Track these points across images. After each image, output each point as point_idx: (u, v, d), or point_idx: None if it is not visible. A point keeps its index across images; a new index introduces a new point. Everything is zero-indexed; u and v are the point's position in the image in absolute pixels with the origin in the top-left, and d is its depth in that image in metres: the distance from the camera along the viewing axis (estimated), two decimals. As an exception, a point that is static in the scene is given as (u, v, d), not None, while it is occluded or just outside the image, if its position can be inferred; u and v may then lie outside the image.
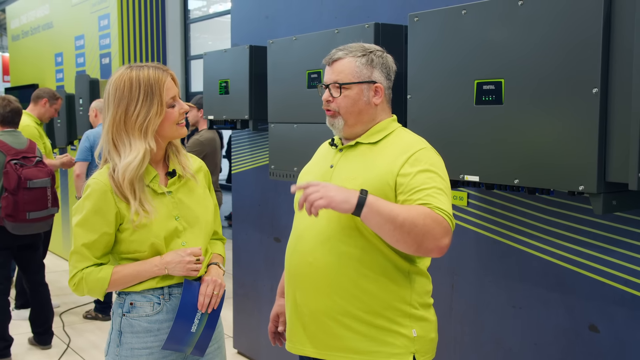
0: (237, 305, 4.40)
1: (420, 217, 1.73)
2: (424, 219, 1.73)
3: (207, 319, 2.05)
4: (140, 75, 1.97)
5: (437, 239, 1.75)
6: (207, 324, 2.05)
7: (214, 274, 2.09)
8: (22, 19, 8.81)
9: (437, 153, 1.97)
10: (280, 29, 3.81)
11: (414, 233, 1.73)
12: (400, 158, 1.89)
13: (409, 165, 1.87)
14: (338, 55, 1.99)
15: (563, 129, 2.05)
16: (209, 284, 2.04)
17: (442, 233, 1.75)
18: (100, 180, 1.99)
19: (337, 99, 1.97)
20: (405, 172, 1.86)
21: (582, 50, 1.99)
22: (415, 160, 1.88)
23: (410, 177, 1.85)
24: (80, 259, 1.99)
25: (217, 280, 2.07)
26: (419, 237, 1.73)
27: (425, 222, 1.73)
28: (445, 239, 1.76)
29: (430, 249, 1.76)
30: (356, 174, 1.92)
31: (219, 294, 2.06)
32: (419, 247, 1.76)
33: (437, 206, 1.78)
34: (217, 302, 2.05)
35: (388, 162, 1.90)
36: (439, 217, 1.76)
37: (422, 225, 1.72)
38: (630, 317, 2.22)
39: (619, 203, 2.06)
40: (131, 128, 1.97)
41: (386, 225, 1.74)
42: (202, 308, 2.02)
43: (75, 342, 4.79)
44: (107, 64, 6.87)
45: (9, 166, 4.12)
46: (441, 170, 1.90)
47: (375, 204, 1.73)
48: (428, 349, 1.98)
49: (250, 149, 4.17)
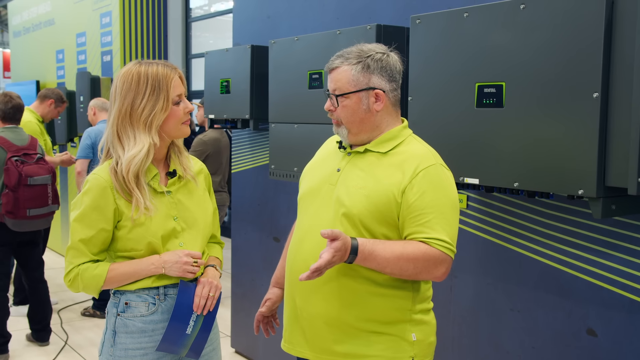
0: (235, 305, 4.40)
1: (411, 261, 1.81)
2: (414, 262, 1.81)
3: (202, 321, 2.03)
4: (149, 70, 1.99)
5: (430, 273, 1.85)
6: (203, 326, 2.04)
7: (210, 275, 2.08)
8: (23, 15, 8.81)
9: (446, 168, 1.94)
10: (282, 29, 3.81)
11: (405, 275, 1.85)
12: (408, 174, 1.87)
13: (416, 184, 1.85)
14: (335, 64, 1.95)
15: (563, 133, 2.05)
16: (204, 285, 2.03)
17: (434, 267, 1.83)
18: (100, 176, 1.98)
19: (337, 109, 1.95)
20: (411, 190, 1.85)
21: (583, 55, 1.99)
22: (422, 179, 1.85)
23: (414, 197, 1.84)
24: (77, 254, 1.98)
25: (213, 281, 2.05)
26: (411, 277, 1.86)
27: (416, 265, 1.82)
28: (438, 270, 1.85)
29: (426, 280, 1.93)
30: (364, 184, 1.89)
31: (215, 296, 2.04)
32: (414, 279, 1.90)
33: (434, 237, 1.82)
34: (212, 304, 2.04)
35: (396, 176, 1.87)
36: (433, 252, 1.82)
37: (414, 268, 1.82)
38: (628, 322, 2.23)
39: (618, 207, 2.06)
40: (136, 121, 1.97)
41: (377, 269, 1.85)
42: (197, 310, 2.01)
43: (73, 339, 4.79)
44: (108, 61, 6.87)
45: (10, 163, 4.11)
46: (448, 189, 1.88)
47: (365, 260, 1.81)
48: (427, 353, 1.98)
49: (250, 148, 4.17)
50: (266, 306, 2.22)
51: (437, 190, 1.85)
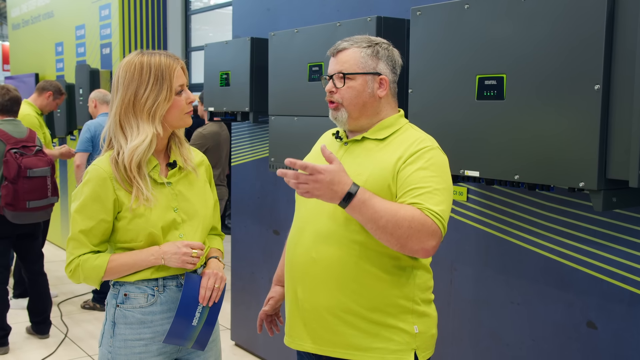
0: (235, 298, 4.40)
1: (406, 219, 1.72)
2: (409, 221, 1.72)
3: (208, 313, 2.04)
4: (152, 60, 1.98)
5: (422, 241, 1.74)
6: (208, 318, 2.04)
7: (215, 267, 2.09)
8: (22, 7, 8.79)
9: (442, 152, 1.93)
10: (281, 22, 3.80)
11: (397, 235, 1.73)
12: (405, 154, 1.86)
13: (410, 161, 1.84)
14: (343, 45, 1.96)
15: (564, 125, 2.04)
16: (210, 277, 2.04)
17: (427, 236, 1.74)
18: (100, 166, 1.98)
19: (340, 90, 1.94)
20: (405, 167, 1.84)
21: (584, 47, 1.98)
22: (417, 158, 1.84)
23: (409, 173, 1.82)
24: (78, 245, 1.99)
25: (218, 273, 2.06)
26: (402, 239, 1.73)
27: (410, 224, 1.72)
28: (430, 241, 1.74)
29: (415, 251, 1.76)
30: (361, 171, 1.88)
31: (220, 287, 2.05)
32: (402, 248, 1.76)
33: (428, 207, 1.76)
34: (218, 296, 2.05)
35: (393, 160, 1.87)
36: (427, 219, 1.74)
37: (407, 228, 1.72)
38: (628, 314, 2.22)
39: (619, 200, 2.06)
40: (140, 111, 1.97)
41: (368, 225, 1.75)
42: (203, 301, 2.01)
43: (73, 331, 4.80)
44: (107, 54, 6.85)
45: (9, 155, 4.11)
46: (443, 171, 1.87)
47: (359, 204, 1.72)
48: (428, 345, 1.97)
49: (250, 141, 4.17)
50: (269, 305, 2.21)
51: (433, 169, 1.84)
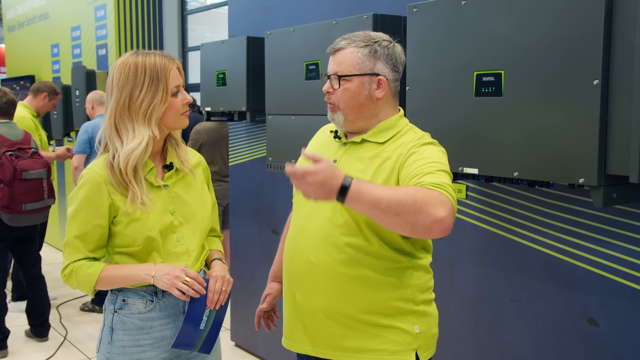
0: (234, 298, 4.39)
1: (409, 194, 1.58)
2: (413, 195, 1.57)
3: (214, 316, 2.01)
4: (147, 61, 1.94)
5: (432, 213, 1.55)
6: (215, 321, 2.02)
7: (220, 269, 2.05)
8: (17, 9, 8.76)
9: (443, 150, 1.89)
10: (277, 20, 3.78)
11: (403, 213, 1.56)
12: (405, 151, 1.83)
13: (413, 154, 1.81)
14: (340, 44, 1.90)
15: (563, 121, 2.03)
16: (217, 279, 1.99)
17: (436, 206, 1.56)
18: (94, 170, 1.94)
19: (336, 92, 1.89)
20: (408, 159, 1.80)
21: (583, 42, 1.97)
22: (415, 153, 1.81)
23: (411, 162, 1.78)
24: (73, 251, 1.96)
25: (225, 276, 2.02)
26: (410, 216, 1.56)
27: (414, 198, 1.57)
28: (441, 210, 1.56)
29: (428, 226, 1.56)
30: (362, 176, 1.83)
31: (227, 290, 2.01)
32: (415, 228, 1.58)
33: (431, 182, 1.64)
34: (224, 298, 2.01)
35: (393, 163, 1.83)
36: (432, 191, 1.60)
37: (412, 203, 1.56)
38: (629, 311, 2.21)
39: (619, 196, 2.04)
40: (135, 113, 1.93)
41: (372, 212, 1.61)
42: (211, 304, 1.98)
43: (72, 334, 4.78)
44: (103, 55, 6.83)
45: (5, 157, 4.10)
46: (441, 158, 1.82)
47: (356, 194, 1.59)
48: (430, 344, 1.96)
49: (247, 140, 4.15)
50: (267, 302, 2.19)
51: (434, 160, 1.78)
